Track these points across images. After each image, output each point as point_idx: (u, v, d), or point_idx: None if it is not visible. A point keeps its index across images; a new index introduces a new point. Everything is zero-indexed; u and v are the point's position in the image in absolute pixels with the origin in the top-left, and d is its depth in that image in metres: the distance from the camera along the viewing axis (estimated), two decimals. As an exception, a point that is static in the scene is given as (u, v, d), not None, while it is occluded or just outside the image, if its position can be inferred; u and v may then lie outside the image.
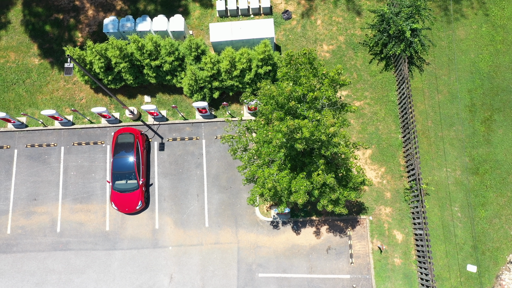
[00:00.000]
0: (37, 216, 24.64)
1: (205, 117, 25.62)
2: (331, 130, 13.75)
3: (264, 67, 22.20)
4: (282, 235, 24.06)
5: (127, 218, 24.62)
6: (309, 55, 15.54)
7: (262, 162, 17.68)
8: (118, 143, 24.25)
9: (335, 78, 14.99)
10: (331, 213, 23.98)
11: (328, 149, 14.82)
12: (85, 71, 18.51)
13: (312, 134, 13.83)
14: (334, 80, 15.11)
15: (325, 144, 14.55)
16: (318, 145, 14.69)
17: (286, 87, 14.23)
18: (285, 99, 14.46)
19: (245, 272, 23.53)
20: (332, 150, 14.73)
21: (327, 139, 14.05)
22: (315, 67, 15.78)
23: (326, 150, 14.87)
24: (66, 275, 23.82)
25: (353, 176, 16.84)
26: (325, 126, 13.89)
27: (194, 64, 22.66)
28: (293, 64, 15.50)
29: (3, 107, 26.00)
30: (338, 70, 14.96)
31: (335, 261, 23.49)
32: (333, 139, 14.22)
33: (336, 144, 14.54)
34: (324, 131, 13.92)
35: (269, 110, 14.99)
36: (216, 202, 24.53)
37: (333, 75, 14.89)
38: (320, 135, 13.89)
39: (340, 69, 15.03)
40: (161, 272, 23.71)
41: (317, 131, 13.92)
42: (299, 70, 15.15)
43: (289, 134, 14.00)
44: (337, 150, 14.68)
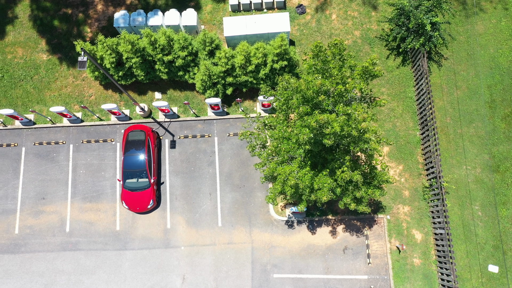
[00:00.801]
0: (46, 216, 24.05)
1: (217, 114, 25.02)
2: (364, 125, 13.15)
3: (280, 62, 21.58)
4: (297, 234, 23.46)
5: (138, 217, 24.02)
6: (340, 46, 14.90)
7: (282, 159, 17.07)
8: (129, 141, 23.66)
9: (369, 69, 14.35)
10: (347, 212, 23.38)
11: (357, 145, 14.22)
12: (98, 65, 17.92)
13: (342, 129, 13.22)
14: (368, 71, 14.48)
15: (355, 139, 13.94)
16: (347, 141, 14.09)
17: (316, 80, 13.61)
18: (313, 93, 13.84)
19: (259, 272, 22.93)
20: (362, 146, 14.13)
21: (358, 135, 13.44)
22: (345, 58, 15.17)
23: (356, 146, 14.26)
24: (75, 276, 23.24)
25: (378, 173, 16.22)
26: (356, 121, 13.29)
27: (207, 59, 22.04)
28: (321, 56, 14.89)
29: (10, 104, 25.41)
30: (373, 60, 14.32)
31: (352, 261, 22.88)
32: (364, 135, 13.60)
33: (367, 140, 13.93)
34: (355, 126, 13.31)
35: (295, 104, 14.37)
36: (229, 201, 23.93)
37: (367, 65, 14.24)
38: (350, 130, 13.27)
39: (376, 58, 14.39)
40: (173, 273, 23.12)
41: (347, 126, 13.31)
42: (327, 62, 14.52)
43: (317, 129, 13.38)
44: (367, 147, 14.08)
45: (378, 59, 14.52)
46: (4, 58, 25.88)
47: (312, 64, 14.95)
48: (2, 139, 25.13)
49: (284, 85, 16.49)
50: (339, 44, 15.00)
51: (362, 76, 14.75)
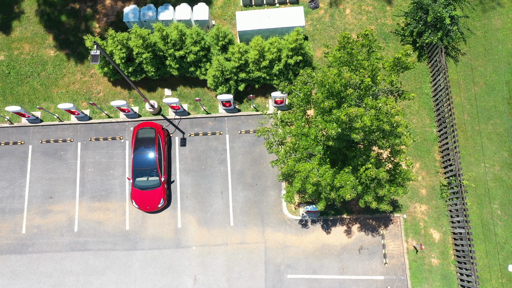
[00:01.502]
0: (54, 215, 23.51)
1: (229, 111, 24.47)
2: (398, 119, 12.59)
3: (294, 57, 21.04)
4: (311, 234, 22.91)
5: (147, 216, 23.48)
6: (370, 37, 14.32)
7: (300, 156, 16.52)
8: (139, 138, 23.11)
9: (402, 60, 13.77)
10: (362, 211, 22.84)
11: (388, 140, 13.66)
12: (110, 59, 17.36)
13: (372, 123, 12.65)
14: (401, 63, 13.90)
15: (385, 134, 13.39)
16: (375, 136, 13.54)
17: (344, 73, 13.04)
18: (341, 86, 13.29)
19: (273, 273, 22.39)
20: (393, 141, 13.57)
21: (390, 129, 12.88)
22: (373, 50, 14.61)
23: (385, 141, 13.70)
24: (84, 277, 22.70)
25: (403, 171, 15.65)
26: (389, 115, 12.72)
27: (220, 54, 21.49)
28: (348, 48, 14.32)
29: (17, 101, 24.86)
30: (407, 50, 13.74)
31: (367, 261, 22.34)
32: (397, 129, 13.04)
33: (399, 134, 13.38)
34: (387, 120, 12.76)
35: (321, 98, 13.80)
36: (241, 200, 23.39)
37: (400, 56, 13.66)
38: (381, 124, 12.72)
39: (409, 49, 13.81)
40: (185, 273, 22.58)
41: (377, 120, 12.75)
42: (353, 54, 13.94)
43: (347, 123, 12.83)
44: (399, 142, 13.52)
45: (412, 49, 13.94)
46: (10, 54, 25.34)
47: (339, 57, 14.38)
48: (8, 137, 24.58)
49: (304, 79, 15.92)
50: (369, 35, 14.42)
51: (393, 68, 14.18)
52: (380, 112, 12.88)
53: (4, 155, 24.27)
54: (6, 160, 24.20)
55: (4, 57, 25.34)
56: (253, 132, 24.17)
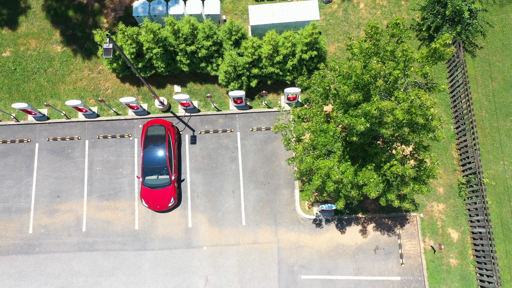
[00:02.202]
0: (61, 215, 22.96)
1: (240, 108, 23.91)
2: (434, 111, 12.02)
3: (309, 52, 20.48)
4: (325, 234, 22.36)
5: (157, 216, 22.93)
6: (401, 26, 13.74)
7: (318, 153, 15.96)
8: (148, 136, 22.56)
9: (439, 50, 13.15)
10: (378, 210, 22.28)
11: (420, 135, 13.10)
12: (121, 53, 16.80)
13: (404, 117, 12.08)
14: (437, 53, 13.29)
15: (416, 128, 12.83)
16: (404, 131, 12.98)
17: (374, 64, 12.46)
18: (371, 78, 12.73)
19: (286, 274, 21.84)
20: (426, 136, 13.00)
21: (424, 122, 12.31)
22: (402, 40, 14.04)
23: (416, 135, 13.13)
24: (93, 278, 22.15)
25: (428, 168, 15.06)
26: (423, 107, 12.15)
27: (233, 49, 20.93)
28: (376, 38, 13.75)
29: (23, 98, 24.32)
30: (446, 40, 13.11)
31: (383, 261, 21.78)
32: (432, 122, 12.47)
33: (433, 128, 12.81)
34: (422, 113, 12.18)
35: (347, 91, 13.23)
36: (253, 199, 22.83)
37: (437, 46, 13.04)
38: (415, 117, 12.16)
39: (448, 38, 13.18)
40: (196, 274, 22.03)
41: (408, 114, 12.18)
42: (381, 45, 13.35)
43: (378, 117, 12.28)
44: (432, 136, 12.96)
45: (451, 38, 13.30)
46: (16, 50, 24.79)
47: (365, 48, 13.80)
48: (14, 135, 24.04)
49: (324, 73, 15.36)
50: (400, 24, 13.84)
51: (427, 58, 13.56)
52: (412, 105, 12.32)
53: (10, 153, 23.74)
54: (12, 159, 23.66)
55: (10, 53, 24.80)
56: (265, 129, 23.61)
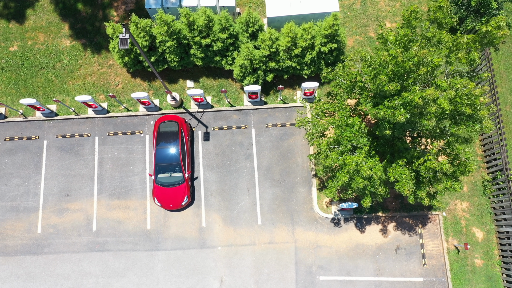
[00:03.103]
0: (70, 214, 22.24)
1: (254, 104, 23.18)
2: (482, 100, 11.26)
3: (329, 44, 19.74)
4: (344, 233, 21.61)
5: (170, 215, 22.20)
6: (445, 10, 12.94)
7: (344, 148, 15.22)
8: (161, 132, 21.82)
9: (492, 34, 12.29)
10: (399, 209, 21.53)
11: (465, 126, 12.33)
12: (137, 44, 16.05)
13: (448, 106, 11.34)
14: (487, 37, 12.48)
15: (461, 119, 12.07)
16: (445, 123, 12.23)
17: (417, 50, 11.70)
18: (413, 65, 11.97)
19: (304, 274, 21.10)
20: (472, 128, 12.23)
21: (472, 113, 11.55)
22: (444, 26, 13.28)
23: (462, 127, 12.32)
24: (104, 279, 21.43)
25: (464, 163, 14.26)
26: (471, 96, 11.39)
27: (249, 41, 20.19)
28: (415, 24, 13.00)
29: (31, 94, 23.61)
30: (499, 22, 12.25)
31: (405, 262, 21.03)
32: (480, 112, 11.71)
33: (480, 119, 12.06)
34: (470, 103, 11.42)
35: (384, 81, 12.46)
36: (269, 197, 22.09)
37: (490, 29, 12.18)
38: (460, 107, 11.42)
39: (502, 20, 12.31)
40: (210, 275, 21.29)
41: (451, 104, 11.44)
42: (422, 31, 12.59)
43: (419, 107, 11.53)
44: (478, 128, 12.21)
45: (504, 20, 12.44)
46: (24, 44, 24.07)
47: (403, 35, 13.03)
48: (22, 132, 23.33)
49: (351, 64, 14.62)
50: (444, 7, 13.02)
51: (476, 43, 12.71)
52: (457, 94, 11.56)
53: (18, 150, 23.02)
54: (20, 156, 22.95)
55: (17, 48, 24.09)
56: (280, 125, 22.88)
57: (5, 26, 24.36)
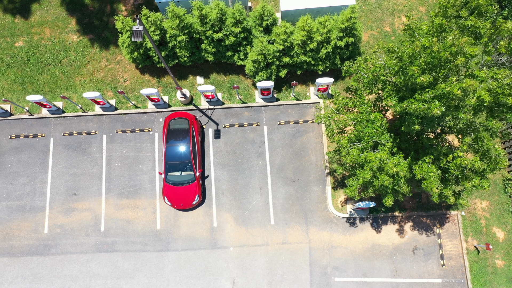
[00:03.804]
0: (78, 213, 21.66)
1: (266, 100, 22.58)
2: None
3: (345, 38, 19.14)
4: (360, 233, 21.01)
5: (180, 215, 21.61)
6: None
7: (365, 145, 14.63)
8: (171, 130, 21.23)
9: None
10: (416, 208, 20.94)
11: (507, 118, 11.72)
12: (149, 37, 15.46)
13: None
14: None
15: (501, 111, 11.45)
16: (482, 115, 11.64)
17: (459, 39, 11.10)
18: (450, 55, 11.38)
19: (319, 276, 20.51)
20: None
21: None
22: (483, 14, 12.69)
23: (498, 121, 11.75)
24: (113, 280, 20.85)
25: (495, 159, 13.61)
26: None
27: (263, 36, 19.59)
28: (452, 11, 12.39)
29: (37, 91, 23.03)
30: None
31: (423, 263, 20.43)
32: None
33: None
34: None
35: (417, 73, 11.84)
36: (282, 196, 21.50)
37: None
38: (502, 98, 10.82)
39: None
40: (222, 276, 20.71)
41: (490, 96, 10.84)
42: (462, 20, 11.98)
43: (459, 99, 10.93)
44: None
45: None
46: (30, 39, 23.49)
47: (438, 24, 12.42)
48: (28, 129, 22.75)
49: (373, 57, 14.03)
50: None
51: None
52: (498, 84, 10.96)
53: (23, 148, 22.44)
54: (26, 154, 22.37)
55: (23, 43, 23.50)
56: (293, 122, 22.28)
57: (10, 21, 23.78)
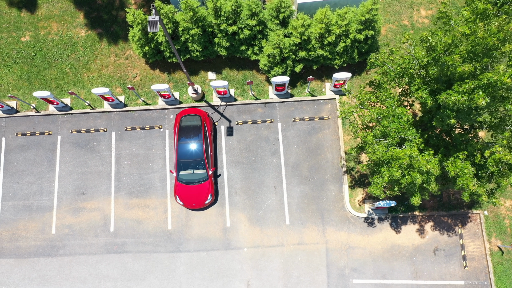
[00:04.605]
0: (87, 213, 20.98)
1: (280, 97, 21.89)
2: None
3: (364, 31, 18.44)
4: (378, 233, 20.32)
5: (192, 214, 20.92)
6: None
7: (391, 141, 13.93)
8: (182, 127, 20.55)
9: None
10: (437, 208, 20.24)
11: None
12: (165, 30, 14.77)
13: None
14: None
15: None
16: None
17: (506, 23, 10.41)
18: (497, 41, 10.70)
19: (336, 277, 19.81)
20: None
21: None
22: None
23: None
24: (123, 282, 20.17)
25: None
26: None
27: (279, 29, 18.90)
28: None
29: (43, 87, 22.36)
30: None
31: (444, 264, 19.73)
32: None
33: None
34: None
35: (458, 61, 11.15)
36: (297, 196, 20.81)
37: None
38: None
39: None
40: (236, 278, 20.02)
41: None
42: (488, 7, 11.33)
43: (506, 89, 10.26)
44: None
45: None
46: (37, 34, 22.81)
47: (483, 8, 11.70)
48: (34, 127, 22.07)
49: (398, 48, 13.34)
50: None
51: None
52: None
53: (30, 146, 21.76)
54: (32, 152, 21.69)
55: (29, 38, 22.82)
56: (308, 119, 21.59)
57: (16, 15, 23.10)
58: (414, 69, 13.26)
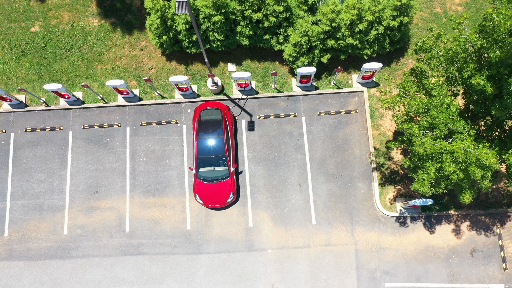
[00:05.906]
0: (100, 213, 19.82)
1: (304, 89, 20.71)
2: None
3: (399, 18, 17.24)
4: (411, 234, 19.13)
5: (212, 214, 19.75)
6: None
7: (438, 133, 12.76)
8: (202, 121, 19.38)
9: None
10: (473, 206, 19.05)
11: None
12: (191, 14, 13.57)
13: None
14: None
15: None
16: None
17: None
18: None
19: (367, 281, 18.63)
20: None
21: None
22: None
23: None
24: (139, 286, 19.03)
25: None
26: None
27: (308, 15, 17.71)
28: None
29: (54, 80, 21.21)
30: None
31: (483, 266, 18.53)
32: None
33: None
34: None
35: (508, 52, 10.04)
36: (323, 194, 19.62)
37: None
38: None
39: None
40: (260, 282, 18.86)
41: None
42: None
43: None
44: None
45: None
46: (47, 24, 21.65)
47: None
48: (45, 122, 20.92)
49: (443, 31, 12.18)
50: None
51: None
52: None
53: (40, 143, 20.62)
54: (42, 149, 20.54)
55: (39, 28, 21.66)
56: (334, 113, 20.41)
57: (25, 4, 21.94)
58: (467, 53, 12.09)
